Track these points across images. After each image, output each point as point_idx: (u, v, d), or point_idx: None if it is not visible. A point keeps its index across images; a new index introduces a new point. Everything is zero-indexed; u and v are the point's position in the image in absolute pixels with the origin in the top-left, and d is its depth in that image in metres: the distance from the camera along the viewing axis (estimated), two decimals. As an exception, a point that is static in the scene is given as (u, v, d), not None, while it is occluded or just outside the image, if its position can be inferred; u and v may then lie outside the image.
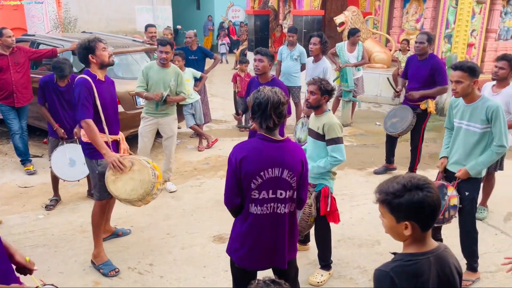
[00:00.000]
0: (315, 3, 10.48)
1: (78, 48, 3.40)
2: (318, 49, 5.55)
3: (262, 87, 2.32)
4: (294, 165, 2.28)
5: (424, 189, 1.49)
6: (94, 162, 3.43)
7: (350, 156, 6.06)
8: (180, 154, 6.30)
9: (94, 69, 3.38)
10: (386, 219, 1.59)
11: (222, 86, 11.03)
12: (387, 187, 1.56)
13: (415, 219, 1.51)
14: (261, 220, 2.29)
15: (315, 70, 5.63)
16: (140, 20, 14.58)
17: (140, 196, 3.29)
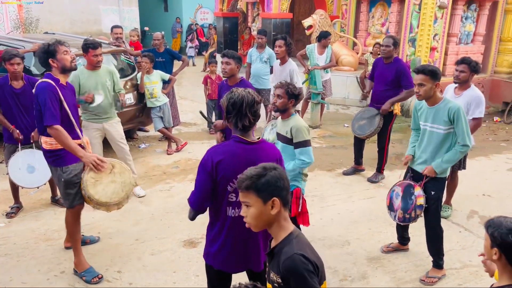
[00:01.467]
0: (284, 6, 10.56)
1: (38, 51, 3.26)
2: (283, 51, 5.60)
3: (234, 88, 2.32)
4: None
5: (277, 168, 1.70)
6: (60, 170, 3.28)
7: (319, 158, 6.13)
8: (148, 157, 6.19)
9: (56, 73, 3.24)
10: (252, 207, 1.67)
11: (191, 89, 10.93)
12: (249, 173, 1.68)
13: (279, 194, 1.65)
14: (239, 222, 2.26)
15: (282, 72, 5.67)
16: (106, 21, 14.26)
17: (121, 198, 3.21)
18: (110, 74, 4.64)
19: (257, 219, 1.68)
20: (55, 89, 3.14)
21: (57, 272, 3.48)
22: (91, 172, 3.18)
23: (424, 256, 3.71)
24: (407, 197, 3.43)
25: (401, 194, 3.49)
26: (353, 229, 4.27)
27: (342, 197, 5.02)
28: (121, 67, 6.30)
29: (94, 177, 3.18)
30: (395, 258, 3.80)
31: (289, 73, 5.55)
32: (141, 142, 6.85)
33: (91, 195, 3.18)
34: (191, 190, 2.34)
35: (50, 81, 3.16)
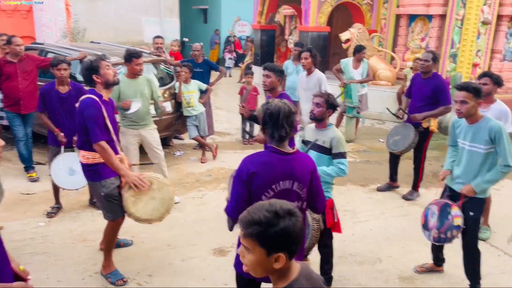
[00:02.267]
0: (321, 19, 10.59)
1: (81, 69, 3.37)
2: (309, 63, 5.62)
3: (270, 99, 2.36)
4: (304, 176, 2.31)
5: (293, 214, 1.40)
6: (98, 184, 3.33)
7: (352, 172, 6.03)
8: (183, 165, 6.30)
9: (99, 89, 3.32)
10: (252, 255, 1.41)
11: (226, 99, 11.09)
12: (257, 217, 1.39)
13: (287, 249, 1.39)
14: None
15: (309, 82, 5.68)
16: (148, 31, 14.71)
17: (162, 214, 3.27)
18: (148, 83, 4.78)
19: (256, 267, 1.44)
20: (99, 106, 3.22)
21: (91, 273, 3.59)
22: (131, 190, 3.23)
23: (460, 279, 3.57)
24: (444, 216, 3.33)
25: (437, 213, 3.38)
26: (385, 246, 4.18)
27: (375, 213, 4.93)
28: (161, 76, 6.50)
29: (134, 195, 3.23)
30: (429, 279, 3.67)
31: (317, 81, 5.55)
32: (176, 150, 6.99)
33: (132, 213, 3.25)
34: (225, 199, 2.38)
35: (94, 97, 3.24)
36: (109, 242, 3.51)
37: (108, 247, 3.51)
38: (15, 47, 5.26)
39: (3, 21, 9.17)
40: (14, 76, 5.31)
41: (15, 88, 5.31)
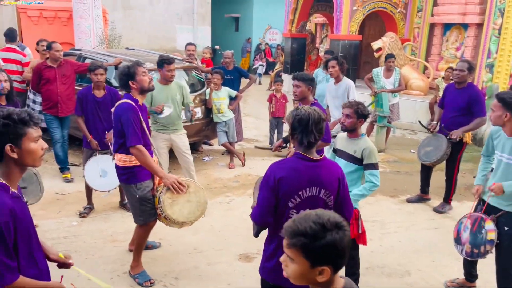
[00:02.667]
0: (353, 28, 10.52)
1: (118, 74, 3.46)
2: (337, 71, 5.58)
3: (300, 106, 2.37)
4: (331, 184, 2.30)
5: (342, 227, 1.36)
6: (133, 187, 3.38)
7: (382, 183, 5.87)
8: (211, 170, 6.37)
9: (135, 94, 3.38)
10: (296, 265, 1.38)
11: (256, 106, 11.15)
12: (302, 228, 1.35)
13: (332, 262, 1.36)
14: None
15: (337, 90, 5.64)
16: (181, 39, 15.06)
17: (197, 217, 3.32)
18: (180, 89, 4.88)
19: (298, 278, 1.40)
20: (136, 110, 3.29)
21: (120, 273, 3.67)
22: (168, 193, 3.27)
23: (493, 296, 3.43)
24: (477, 231, 3.22)
25: (470, 227, 3.28)
26: (414, 259, 4.07)
27: (405, 225, 4.82)
28: (192, 83, 6.62)
29: (171, 197, 3.28)
30: (460, 295, 3.55)
31: (346, 89, 5.51)
32: (205, 155, 7.08)
33: (168, 215, 3.27)
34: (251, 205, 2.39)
35: (131, 102, 3.31)
36: (140, 245, 3.58)
37: (138, 249, 3.58)
38: (54, 52, 5.49)
39: (45, 28, 9.60)
40: (53, 80, 5.54)
41: (53, 91, 5.54)
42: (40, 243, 2.05)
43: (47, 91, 5.55)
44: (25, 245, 1.82)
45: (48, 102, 5.59)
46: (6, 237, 1.70)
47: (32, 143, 1.80)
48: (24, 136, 1.77)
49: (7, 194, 1.76)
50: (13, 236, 1.73)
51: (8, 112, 1.76)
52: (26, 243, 1.83)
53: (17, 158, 1.78)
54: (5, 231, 1.69)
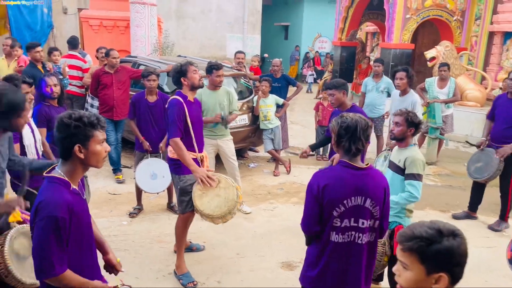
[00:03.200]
0: (406, 36, 10.25)
1: (172, 71, 3.69)
2: (405, 84, 5.42)
3: (345, 113, 2.33)
4: (377, 193, 2.25)
5: (458, 235, 1.34)
6: (177, 178, 3.64)
7: (432, 197, 5.72)
8: (256, 177, 6.42)
9: (186, 91, 3.61)
10: (411, 272, 1.35)
11: (302, 114, 11.11)
12: (418, 232, 1.34)
13: (449, 270, 1.31)
14: (341, 248, 2.25)
15: (402, 103, 5.48)
16: (230, 47, 15.35)
17: (223, 213, 3.37)
18: (227, 95, 4.97)
19: (412, 286, 1.37)
20: (182, 106, 3.50)
21: (165, 273, 3.78)
22: (200, 185, 3.42)
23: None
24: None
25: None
26: (466, 278, 3.84)
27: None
28: (240, 90, 6.72)
29: (202, 189, 3.41)
30: (516, 319, 3.33)
31: (411, 104, 5.34)
32: (250, 162, 7.15)
33: (196, 205, 3.42)
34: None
35: (179, 98, 3.54)
36: (179, 239, 3.71)
37: (179, 244, 3.71)
38: (112, 59, 5.80)
39: (104, 36, 10.15)
40: (110, 85, 5.84)
41: (110, 96, 5.84)
42: (101, 242, 2.16)
43: (104, 96, 5.86)
44: (79, 241, 1.91)
45: (104, 106, 5.90)
46: (62, 231, 1.80)
47: (97, 145, 1.91)
48: (92, 138, 1.88)
49: (67, 190, 1.88)
50: (68, 231, 1.83)
51: (80, 115, 1.87)
52: (80, 238, 1.92)
53: (83, 158, 1.89)
54: (61, 225, 1.79)
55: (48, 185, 1.88)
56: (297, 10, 19.19)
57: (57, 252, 1.80)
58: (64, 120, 1.86)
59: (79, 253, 1.92)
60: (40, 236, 1.79)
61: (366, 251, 2.30)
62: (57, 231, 1.78)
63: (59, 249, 1.80)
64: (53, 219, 1.77)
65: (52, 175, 1.90)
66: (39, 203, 1.82)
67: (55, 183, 1.88)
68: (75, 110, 1.92)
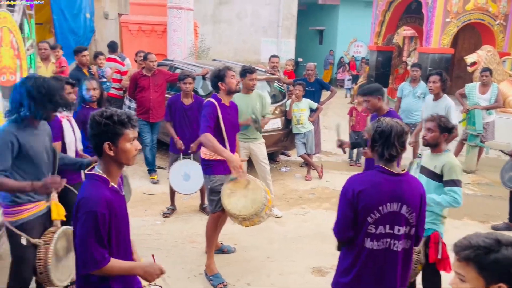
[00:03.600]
0: (445, 40, 9.97)
1: (210, 75, 3.77)
2: (438, 88, 5.27)
3: (381, 117, 2.30)
4: (413, 200, 2.20)
5: None
6: (208, 178, 3.73)
7: (471, 206, 5.53)
8: (287, 181, 6.41)
9: (222, 95, 3.70)
10: (468, 284, 1.31)
11: (336, 119, 10.98)
12: (475, 242, 1.31)
13: (509, 280, 1.25)
14: (376, 255, 2.22)
15: (435, 108, 5.33)
16: (265, 51, 15.42)
17: (249, 215, 3.39)
18: (260, 98, 5.00)
19: None
20: (215, 107, 3.60)
21: (196, 273, 3.84)
22: (230, 184, 3.46)
23: None
24: None
25: None
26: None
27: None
28: (274, 94, 6.74)
29: (231, 188, 3.45)
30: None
31: (445, 109, 5.19)
32: (282, 166, 7.14)
33: (224, 204, 3.46)
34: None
35: (213, 100, 3.63)
36: (209, 239, 3.76)
37: (209, 245, 3.77)
38: (149, 63, 5.96)
39: (143, 40, 10.44)
40: (147, 88, 6.00)
41: (146, 98, 6.00)
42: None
43: (141, 98, 6.03)
44: (117, 236, 1.97)
45: (141, 108, 6.06)
46: (101, 227, 1.86)
47: (127, 143, 1.96)
48: (121, 136, 1.93)
49: (106, 187, 1.95)
50: (108, 226, 1.90)
51: (111, 113, 1.93)
52: (118, 234, 1.98)
53: (113, 155, 1.94)
54: (100, 221, 1.85)
55: (89, 182, 1.96)
56: (333, 14, 19.04)
57: (98, 246, 1.86)
58: (96, 118, 1.92)
59: (116, 248, 1.98)
60: (81, 231, 1.86)
61: (401, 258, 2.25)
62: (97, 226, 1.85)
63: (99, 243, 1.86)
64: (93, 214, 1.84)
65: (92, 172, 1.98)
66: (81, 200, 1.89)
67: (95, 180, 1.95)
68: (108, 108, 1.98)
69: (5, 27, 3.37)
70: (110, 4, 14.63)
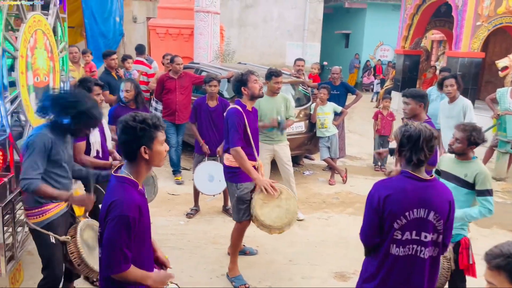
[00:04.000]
0: (475, 44, 9.73)
1: (233, 80, 3.78)
2: (455, 90, 5.17)
3: (410, 121, 2.25)
4: (441, 206, 2.15)
5: None
6: (234, 186, 3.65)
7: (501, 215, 5.35)
8: (311, 185, 6.38)
9: (245, 100, 3.67)
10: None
11: (361, 123, 10.88)
12: (506, 250, 1.30)
13: None
14: (402, 262, 2.17)
15: (451, 111, 5.22)
16: (290, 54, 15.42)
17: (283, 225, 3.40)
18: (285, 101, 5.01)
19: None
20: (241, 115, 3.56)
21: (218, 274, 3.86)
22: (261, 194, 3.43)
23: None
24: None
25: None
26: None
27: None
28: (298, 97, 6.73)
29: (263, 199, 3.42)
30: None
31: (462, 109, 5.08)
32: (305, 169, 7.11)
33: (257, 215, 3.43)
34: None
35: (238, 107, 3.60)
36: (234, 244, 3.76)
37: (233, 248, 3.76)
38: (176, 65, 6.06)
39: (170, 44, 10.62)
40: (173, 90, 6.10)
41: (173, 101, 6.09)
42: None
43: (167, 100, 6.13)
44: (142, 238, 2.00)
45: (167, 110, 6.16)
46: (131, 230, 1.88)
47: (160, 146, 2.00)
48: (155, 139, 1.97)
49: (136, 191, 1.97)
50: (136, 230, 1.92)
51: (143, 117, 1.96)
52: (143, 236, 2.01)
53: (147, 159, 1.97)
54: (132, 225, 1.88)
55: (118, 185, 1.96)
56: (359, 18, 18.85)
57: (125, 250, 1.88)
58: (130, 122, 1.93)
59: (140, 250, 2.01)
60: (112, 234, 1.88)
61: (428, 265, 2.20)
62: (128, 230, 1.87)
63: (127, 247, 1.89)
64: (125, 218, 1.86)
65: (121, 175, 1.99)
66: (112, 203, 1.90)
67: (124, 183, 1.96)
68: (137, 113, 2.00)
69: (39, 30, 3.50)
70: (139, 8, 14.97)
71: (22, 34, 3.18)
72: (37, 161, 2.59)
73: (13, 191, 3.06)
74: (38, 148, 2.60)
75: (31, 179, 2.56)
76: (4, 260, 2.89)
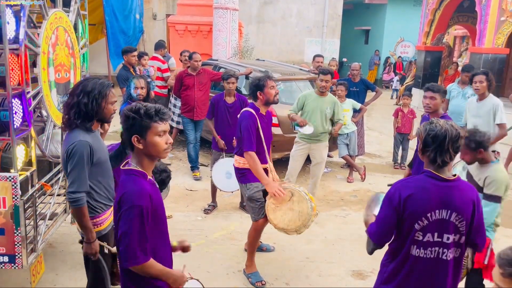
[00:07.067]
0: (500, 40, 9.46)
1: (250, 84, 3.78)
2: (484, 87, 5.00)
3: (435, 119, 2.14)
4: (464, 207, 2.07)
5: None
6: (244, 186, 3.73)
7: (525, 215, 5.21)
8: (328, 182, 6.33)
9: (259, 104, 3.69)
10: None
11: (380, 121, 10.74)
12: None
13: None
14: (423, 264, 2.11)
15: (480, 109, 5.07)
16: (309, 51, 15.31)
17: (297, 227, 3.39)
18: (332, 104, 4.97)
19: None
20: (255, 118, 3.59)
21: (235, 270, 3.87)
22: (273, 198, 3.44)
23: None
24: None
25: None
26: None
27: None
28: (316, 94, 6.66)
29: (275, 202, 3.44)
30: None
31: (492, 108, 4.94)
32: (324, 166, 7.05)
33: (270, 219, 3.47)
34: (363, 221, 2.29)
35: (251, 110, 3.63)
36: (252, 243, 3.76)
37: (251, 247, 3.76)
38: (194, 62, 6.08)
39: (189, 40, 10.67)
40: (191, 87, 6.13)
41: (191, 97, 6.12)
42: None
43: (186, 96, 6.16)
44: (156, 228, 2.00)
45: (186, 106, 6.20)
46: (145, 220, 1.89)
47: (156, 137, 1.97)
48: (149, 129, 1.96)
49: (145, 181, 1.98)
50: (149, 219, 1.93)
51: (138, 107, 1.97)
52: (157, 226, 2.01)
53: (143, 148, 1.98)
54: (144, 214, 1.89)
55: (128, 177, 1.98)
56: (379, 14, 18.57)
57: (141, 241, 1.89)
58: (125, 112, 1.98)
59: (156, 240, 2.01)
60: (125, 225, 1.89)
61: (452, 268, 2.13)
62: (141, 220, 1.88)
63: (142, 238, 1.89)
64: (137, 208, 1.88)
65: (129, 168, 2.01)
66: (123, 195, 1.92)
67: (133, 175, 1.98)
68: (139, 103, 2.01)
69: (61, 27, 3.55)
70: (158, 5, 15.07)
71: (43, 31, 3.23)
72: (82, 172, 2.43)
73: (35, 185, 3.12)
74: (82, 158, 2.43)
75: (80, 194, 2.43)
76: (26, 253, 2.95)
